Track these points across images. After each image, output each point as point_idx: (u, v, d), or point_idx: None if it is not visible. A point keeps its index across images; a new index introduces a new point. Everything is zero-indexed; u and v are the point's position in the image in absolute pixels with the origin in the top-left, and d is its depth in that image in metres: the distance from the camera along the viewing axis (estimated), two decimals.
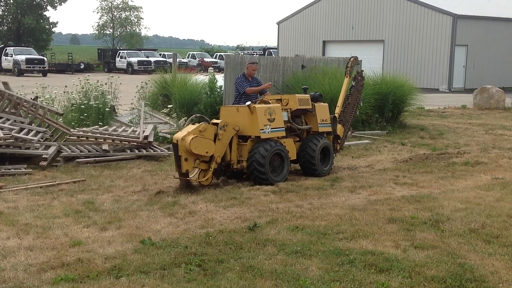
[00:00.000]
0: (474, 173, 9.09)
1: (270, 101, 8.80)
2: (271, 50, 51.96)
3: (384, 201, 7.21)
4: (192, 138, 7.60)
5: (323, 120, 9.14)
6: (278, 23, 40.59)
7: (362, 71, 10.45)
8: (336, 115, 9.69)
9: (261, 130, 8.15)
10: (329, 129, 9.30)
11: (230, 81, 14.48)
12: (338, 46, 35.82)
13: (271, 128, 8.29)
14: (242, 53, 54.77)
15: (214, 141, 7.92)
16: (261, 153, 8.01)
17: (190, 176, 7.88)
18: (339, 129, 9.67)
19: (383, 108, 13.92)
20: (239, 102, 9.73)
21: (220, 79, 15.28)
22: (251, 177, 8.17)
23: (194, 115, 9.03)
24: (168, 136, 11.61)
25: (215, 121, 8.20)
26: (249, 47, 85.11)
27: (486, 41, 31.63)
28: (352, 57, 10.36)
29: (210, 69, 17.16)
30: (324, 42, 37.14)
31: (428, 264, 5.03)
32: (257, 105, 8.32)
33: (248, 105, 8.20)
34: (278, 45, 41.31)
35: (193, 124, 8.27)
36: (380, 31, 33.61)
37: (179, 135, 7.77)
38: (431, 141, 12.61)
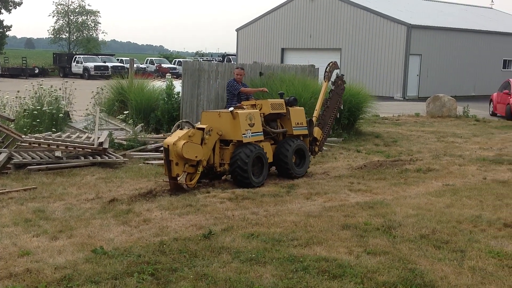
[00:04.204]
0: (426, 179, 9.31)
1: (245, 107, 8.98)
2: (230, 57, 52.02)
3: (338, 208, 7.30)
4: (184, 143, 7.86)
5: (298, 124, 9.41)
6: (237, 30, 40.73)
7: (343, 75, 10.72)
8: (314, 118, 9.94)
9: (243, 134, 8.42)
10: (305, 132, 9.58)
11: (187, 88, 14.44)
12: (296, 54, 36.21)
13: (252, 133, 8.58)
14: (201, 59, 54.65)
15: (201, 145, 8.14)
16: (243, 157, 8.29)
17: (178, 179, 8.03)
18: (317, 131, 9.92)
19: (339, 116, 14.09)
20: (230, 104, 10.23)
21: (178, 85, 15.21)
22: (234, 180, 8.46)
23: (180, 121, 9.20)
24: (124, 142, 11.45)
25: (199, 126, 8.42)
26: (208, 53, 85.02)
27: (439, 50, 32.54)
28: (331, 62, 10.57)
29: (168, 75, 17.05)
30: (282, 49, 37.48)
31: (380, 270, 5.11)
32: (239, 111, 8.58)
33: (231, 111, 8.45)
34: (237, 52, 41.44)
35: (180, 129, 8.46)
36: (337, 39, 34.13)
37: (170, 140, 8.00)
38: (385, 148, 12.85)
